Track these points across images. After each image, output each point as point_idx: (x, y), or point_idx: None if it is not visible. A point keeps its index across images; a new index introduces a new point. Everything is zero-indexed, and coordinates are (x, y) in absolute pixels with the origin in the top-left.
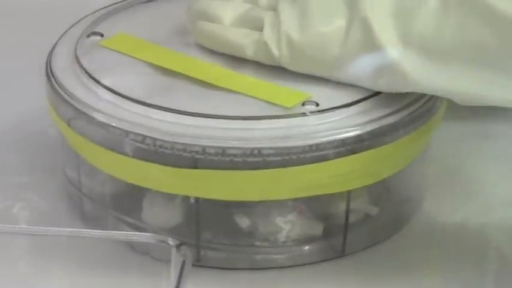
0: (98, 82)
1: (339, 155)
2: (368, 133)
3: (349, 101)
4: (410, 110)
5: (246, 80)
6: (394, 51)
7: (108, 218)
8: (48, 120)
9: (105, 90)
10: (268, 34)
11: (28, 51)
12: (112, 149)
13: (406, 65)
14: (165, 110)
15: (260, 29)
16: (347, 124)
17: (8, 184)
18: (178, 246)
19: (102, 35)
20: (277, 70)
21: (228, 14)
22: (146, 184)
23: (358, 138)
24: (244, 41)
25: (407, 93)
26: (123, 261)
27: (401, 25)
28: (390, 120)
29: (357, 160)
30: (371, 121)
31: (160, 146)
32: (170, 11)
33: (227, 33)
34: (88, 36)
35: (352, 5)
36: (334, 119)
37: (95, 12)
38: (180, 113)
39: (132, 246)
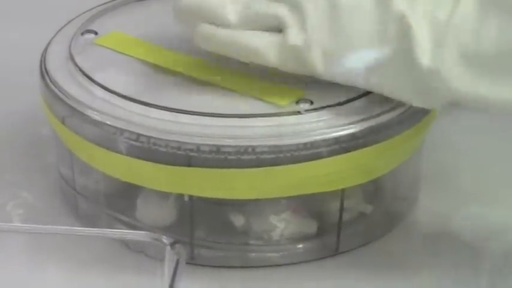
0: (92, 80)
1: (332, 153)
2: (362, 131)
3: (343, 99)
4: (405, 108)
5: (240, 77)
6: (431, 59)
7: (102, 216)
8: (42, 119)
9: (99, 88)
10: (298, 40)
11: (22, 50)
12: (106, 147)
13: (445, 72)
14: (159, 108)
15: (273, 29)
16: (341, 122)
17: (2, 182)
18: (172, 245)
19: (96, 33)
20: (271, 68)
21: (229, 8)
22: (140, 182)
23: (352, 137)
24: (266, 46)
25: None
26: (118, 259)
27: (438, 31)
28: (384, 118)
29: (351, 158)
30: (365, 119)
31: (154, 144)
32: (164, 9)
33: (243, 37)
34: (82, 34)
35: (385, 6)
36: (328, 117)
37: (89, 10)
38: (174, 111)
39: (126, 244)
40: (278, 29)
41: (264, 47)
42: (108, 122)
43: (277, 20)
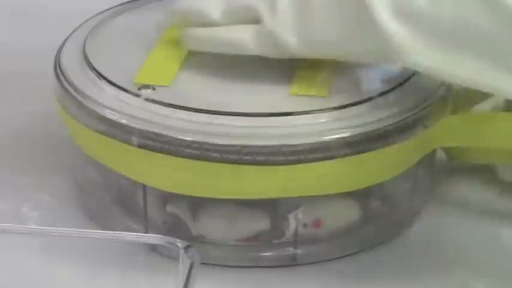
0: (104, 78)
1: (342, 155)
2: (372, 133)
3: (354, 100)
4: (414, 112)
5: None
6: (389, 25)
7: (115, 216)
8: (57, 120)
9: (111, 86)
10: (270, 23)
11: (38, 52)
12: (121, 146)
13: (402, 39)
14: (172, 107)
15: (253, 19)
16: (352, 123)
17: (17, 184)
18: (186, 248)
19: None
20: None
21: (213, 8)
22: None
23: (362, 138)
24: (243, 35)
25: (411, 96)
26: (131, 258)
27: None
28: (393, 121)
29: (361, 161)
30: (376, 121)
31: (170, 143)
32: None
33: (223, 33)
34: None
35: None
36: (338, 117)
37: (103, 12)
38: (186, 109)
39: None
40: (256, 20)
41: (242, 37)
42: (123, 121)
43: (253, 12)
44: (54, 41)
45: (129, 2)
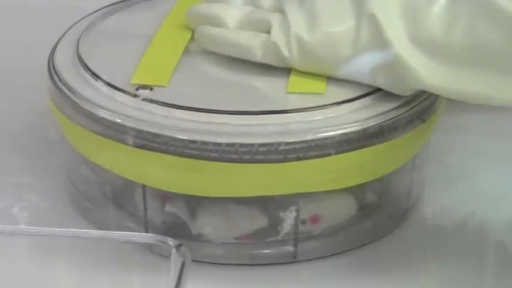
0: (99, 78)
1: (339, 151)
2: (369, 129)
3: (350, 96)
4: (411, 106)
5: None
6: (402, 50)
7: (109, 217)
8: (50, 120)
9: (106, 85)
10: (277, 35)
11: (30, 52)
12: (115, 146)
13: (414, 63)
14: (165, 105)
15: (265, 31)
16: (348, 120)
17: (9, 184)
18: (178, 247)
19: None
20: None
21: (230, 16)
22: (147, 181)
23: (359, 134)
24: (252, 42)
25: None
26: (125, 257)
27: (410, 24)
28: (391, 116)
29: (358, 156)
30: (372, 117)
31: (166, 143)
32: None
33: (234, 36)
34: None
35: (359, 5)
36: (334, 114)
37: (97, 11)
38: (184, 109)
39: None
40: (268, 31)
41: (252, 45)
42: (120, 122)
43: (267, 24)
44: (46, 38)
45: (121, 1)
